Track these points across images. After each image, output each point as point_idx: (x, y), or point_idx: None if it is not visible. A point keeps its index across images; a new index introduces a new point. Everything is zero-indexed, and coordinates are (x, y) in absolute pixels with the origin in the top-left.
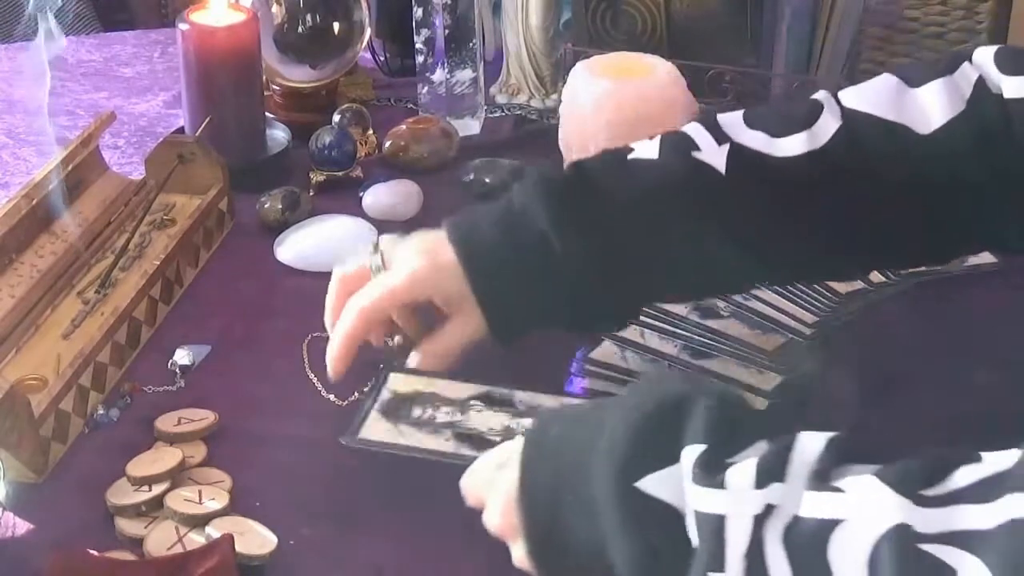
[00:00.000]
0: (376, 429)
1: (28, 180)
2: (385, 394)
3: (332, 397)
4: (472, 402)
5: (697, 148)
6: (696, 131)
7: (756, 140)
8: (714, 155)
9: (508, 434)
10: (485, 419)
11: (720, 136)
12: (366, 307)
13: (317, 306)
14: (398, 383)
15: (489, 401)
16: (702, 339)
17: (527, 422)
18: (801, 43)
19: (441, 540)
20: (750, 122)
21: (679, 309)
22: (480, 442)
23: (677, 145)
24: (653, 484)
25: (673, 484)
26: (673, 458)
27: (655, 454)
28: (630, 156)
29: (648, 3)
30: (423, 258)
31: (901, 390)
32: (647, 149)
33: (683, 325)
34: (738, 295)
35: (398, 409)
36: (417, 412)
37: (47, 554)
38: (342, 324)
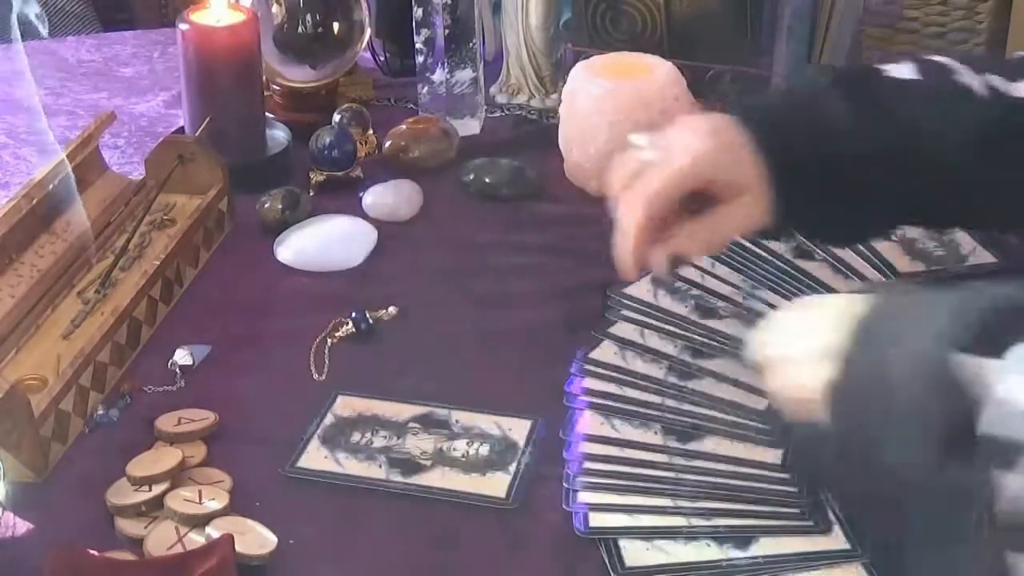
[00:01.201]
0: (315, 458)
1: (28, 180)
2: (329, 419)
3: (315, 375)
4: (410, 424)
5: (956, 72)
6: (948, 61)
7: (994, 80)
8: (974, 81)
9: (437, 456)
10: (419, 442)
11: (976, 68)
12: (651, 194)
13: (317, 306)
14: (341, 407)
15: (426, 423)
16: (702, 339)
17: (459, 444)
18: (801, 43)
19: (441, 540)
20: (975, 68)
21: (679, 309)
22: (411, 466)
23: (935, 69)
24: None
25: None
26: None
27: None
28: (887, 74)
29: (648, 3)
30: (708, 139)
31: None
32: (898, 69)
33: (683, 325)
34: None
35: (337, 435)
36: (356, 437)
37: (47, 554)
38: (632, 216)
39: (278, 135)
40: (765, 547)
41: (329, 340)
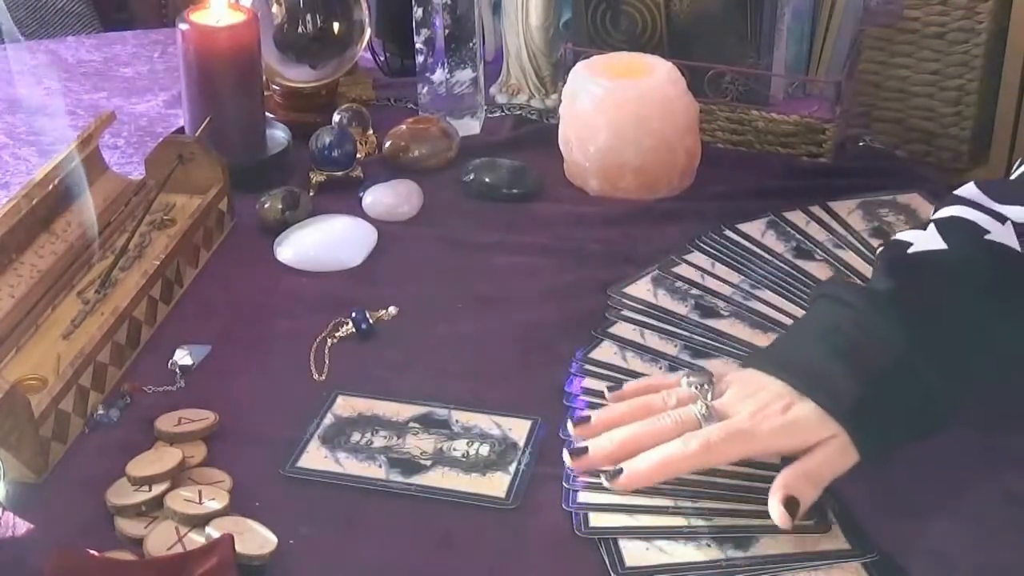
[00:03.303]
0: (315, 458)
1: (28, 180)
2: (328, 419)
3: (315, 375)
4: (411, 424)
5: (986, 231)
6: (968, 213)
7: (1020, 214)
8: (1004, 235)
9: (437, 456)
10: (419, 442)
11: (995, 215)
12: (708, 460)
13: (317, 306)
14: (341, 407)
15: (426, 423)
16: (702, 339)
17: (459, 444)
18: (801, 43)
19: (441, 540)
20: (998, 197)
21: (679, 309)
22: (411, 466)
23: (964, 231)
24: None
25: None
26: None
27: None
28: (912, 251)
29: (648, 3)
30: (776, 417)
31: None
32: (926, 239)
33: (683, 325)
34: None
35: (337, 436)
36: (356, 437)
37: (47, 554)
38: (677, 459)
39: (278, 135)
40: (765, 547)
41: (329, 340)
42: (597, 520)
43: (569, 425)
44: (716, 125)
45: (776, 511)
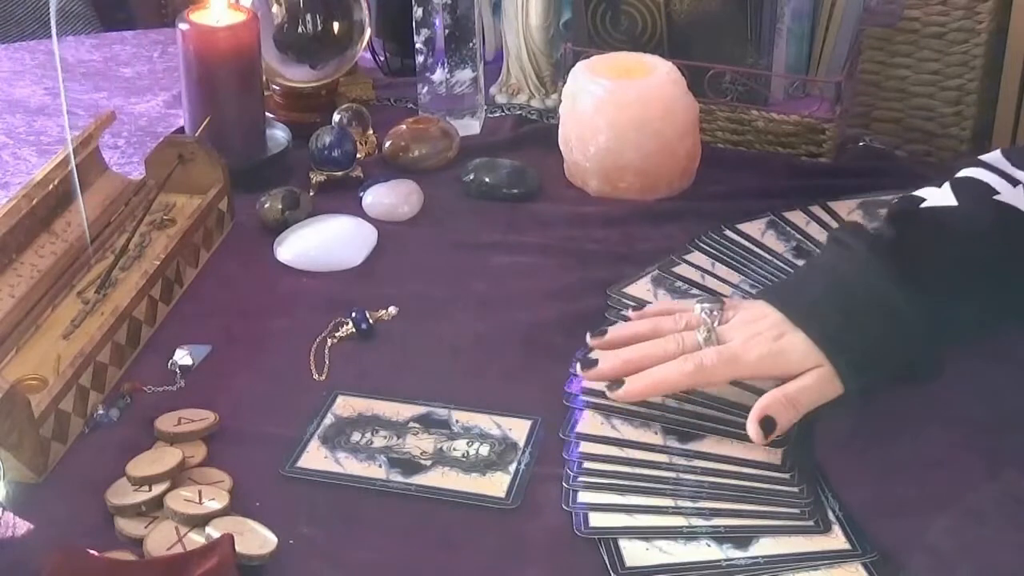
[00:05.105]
0: (315, 458)
1: (28, 180)
2: (328, 419)
3: (315, 375)
4: (411, 424)
5: (996, 191)
6: (983, 175)
7: None
8: (1014, 197)
9: (437, 456)
10: (419, 442)
11: (1009, 178)
12: (700, 381)
13: (317, 306)
14: (341, 407)
15: (426, 423)
16: None
17: (459, 444)
18: (801, 43)
19: (440, 540)
20: (1018, 163)
21: None
22: (411, 466)
23: (975, 190)
24: None
25: None
26: None
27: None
28: (924, 205)
29: (648, 3)
30: (767, 344)
31: (902, 388)
32: (939, 196)
33: None
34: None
35: (337, 435)
36: (356, 437)
37: (47, 554)
38: (672, 378)
39: (278, 135)
40: (765, 547)
41: (329, 340)
42: (597, 520)
43: (588, 336)
44: (716, 125)
45: (752, 429)
